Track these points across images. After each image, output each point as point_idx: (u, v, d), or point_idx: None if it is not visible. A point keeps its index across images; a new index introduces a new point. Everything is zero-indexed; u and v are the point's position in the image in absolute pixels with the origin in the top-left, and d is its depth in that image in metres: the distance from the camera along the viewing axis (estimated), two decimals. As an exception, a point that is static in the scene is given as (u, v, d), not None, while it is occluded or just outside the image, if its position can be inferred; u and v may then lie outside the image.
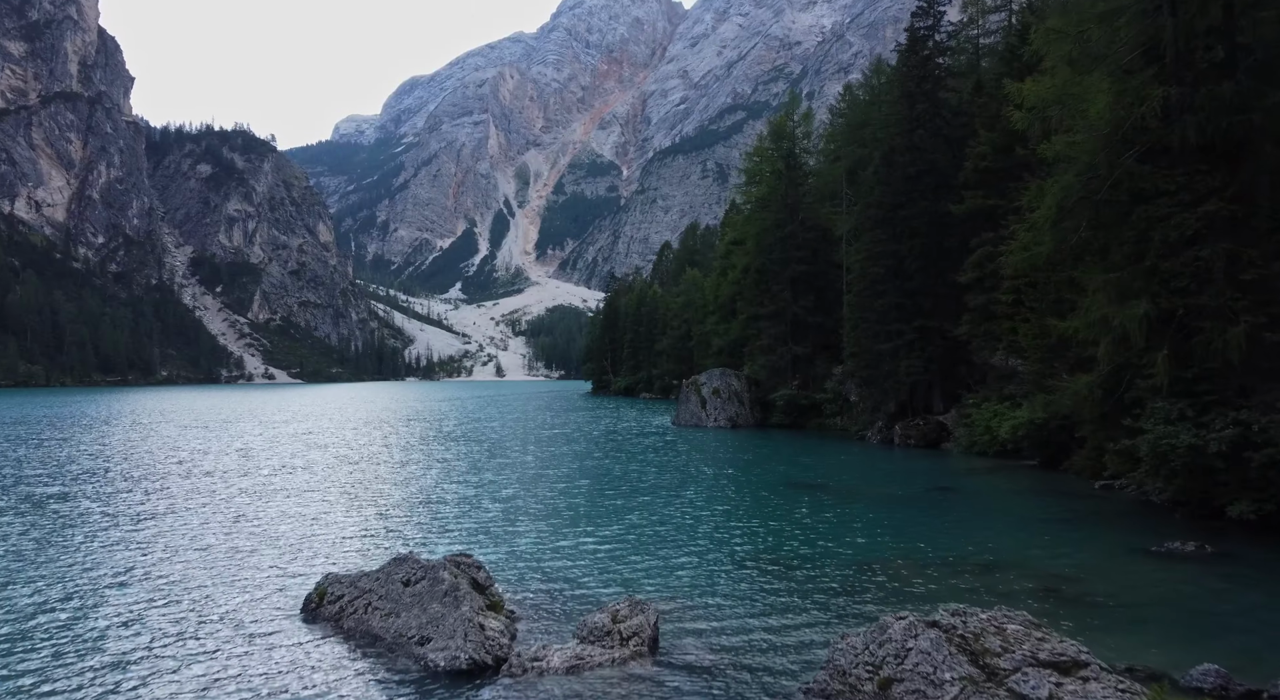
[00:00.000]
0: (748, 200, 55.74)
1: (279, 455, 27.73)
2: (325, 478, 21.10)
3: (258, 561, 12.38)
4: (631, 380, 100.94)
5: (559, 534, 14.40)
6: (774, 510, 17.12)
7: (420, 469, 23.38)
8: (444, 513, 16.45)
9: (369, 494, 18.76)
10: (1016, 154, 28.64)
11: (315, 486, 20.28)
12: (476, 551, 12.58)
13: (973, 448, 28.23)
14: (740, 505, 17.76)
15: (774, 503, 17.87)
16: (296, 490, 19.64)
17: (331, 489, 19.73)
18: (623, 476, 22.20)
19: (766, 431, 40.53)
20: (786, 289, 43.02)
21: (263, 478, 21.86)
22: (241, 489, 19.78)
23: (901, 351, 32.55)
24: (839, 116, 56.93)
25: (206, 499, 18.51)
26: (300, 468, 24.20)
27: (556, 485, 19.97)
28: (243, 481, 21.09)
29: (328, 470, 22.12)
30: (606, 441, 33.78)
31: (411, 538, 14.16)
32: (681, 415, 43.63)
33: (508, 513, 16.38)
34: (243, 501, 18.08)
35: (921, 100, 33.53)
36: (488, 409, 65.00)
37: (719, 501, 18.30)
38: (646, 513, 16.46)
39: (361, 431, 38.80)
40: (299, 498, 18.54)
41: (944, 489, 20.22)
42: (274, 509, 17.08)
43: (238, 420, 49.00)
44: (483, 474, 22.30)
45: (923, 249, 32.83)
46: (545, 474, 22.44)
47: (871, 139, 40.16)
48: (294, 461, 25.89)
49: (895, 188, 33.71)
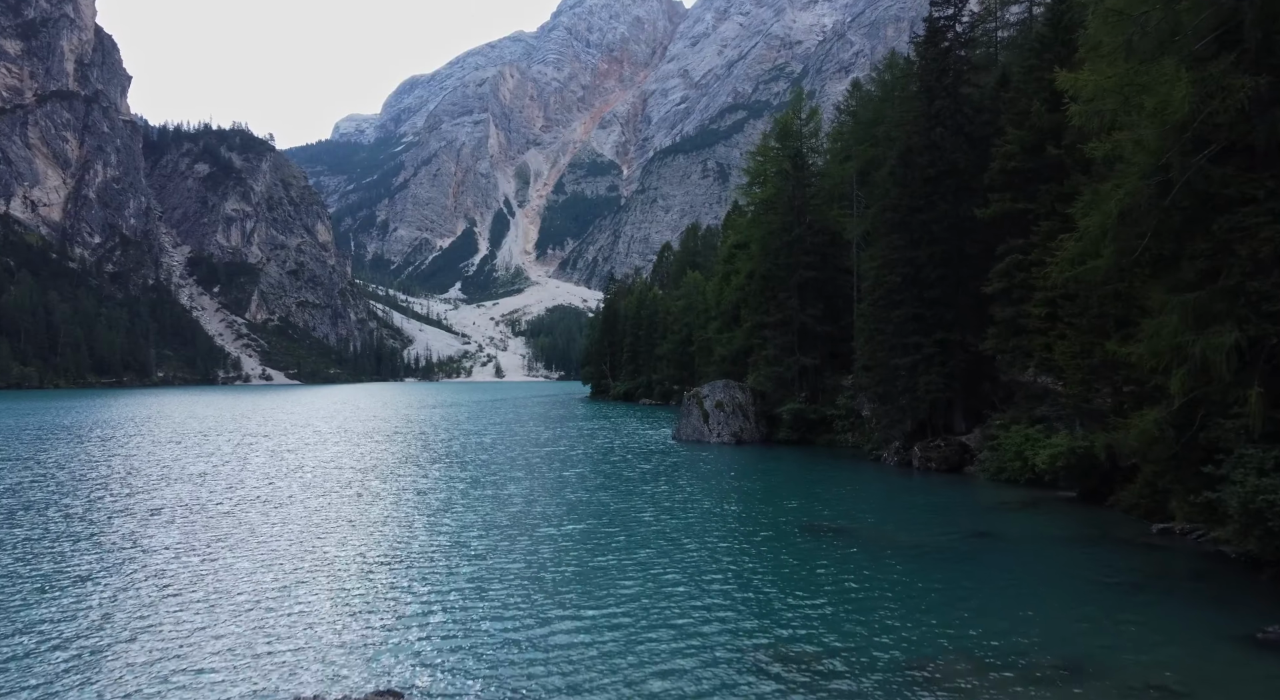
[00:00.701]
0: (751, 202, 53.33)
1: (230, 493, 25.33)
2: (261, 546, 18.56)
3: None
4: (631, 385, 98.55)
5: (534, 619, 11.93)
6: (792, 573, 14.68)
7: (384, 514, 20.91)
8: (389, 606, 13.01)
9: (307, 570, 16.07)
10: (1048, 154, 26.25)
11: (238, 559, 17.87)
12: (419, 673, 9.75)
13: (1001, 475, 25.80)
14: (752, 565, 15.32)
15: (791, 563, 15.41)
16: (212, 571, 17.21)
17: (258, 573, 17.25)
18: (617, 518, 19.77)
19: (773, 448, 38.11)
20: (793, 296, 40.58)
21: (190, 537, 19.43)
22: (152, 568, 17.35)
23: (920, 366, 30.11)
24: (846, 114, 54.54)
25: (103, 578, 16.13)
26: (240, 522, 21.80)
27: (540, 537, 17.52)
28: (167, 537, 18.68)
29: (271, 529, 19.58)
30: (602, 464, 31.36)
31: (334, 657, 10.36)
32: (683, 429, 41.22)
33: (474, 590, 13.88)
34: (139, 592, 15.65)
35: (941, 95, 31.09)
36: (480, 419, 62.60)
37: (726, 557, 15.88)
38: (641, 579, 14.04)
39: (337, 452, 36.36)
40: (208, 584, 16.11)
41: (982, 535, 17.79)
42: (164, 613, 14.66)
43: (216, 433, 46.58)
44: (458, 518, 19.85)
45: (943, 256, 30.39)
46: (529, 518, 20.00)
47: (885, 137, 37.74)
48: (240, 506, 23.50)
49: (913, 190, 31.26)
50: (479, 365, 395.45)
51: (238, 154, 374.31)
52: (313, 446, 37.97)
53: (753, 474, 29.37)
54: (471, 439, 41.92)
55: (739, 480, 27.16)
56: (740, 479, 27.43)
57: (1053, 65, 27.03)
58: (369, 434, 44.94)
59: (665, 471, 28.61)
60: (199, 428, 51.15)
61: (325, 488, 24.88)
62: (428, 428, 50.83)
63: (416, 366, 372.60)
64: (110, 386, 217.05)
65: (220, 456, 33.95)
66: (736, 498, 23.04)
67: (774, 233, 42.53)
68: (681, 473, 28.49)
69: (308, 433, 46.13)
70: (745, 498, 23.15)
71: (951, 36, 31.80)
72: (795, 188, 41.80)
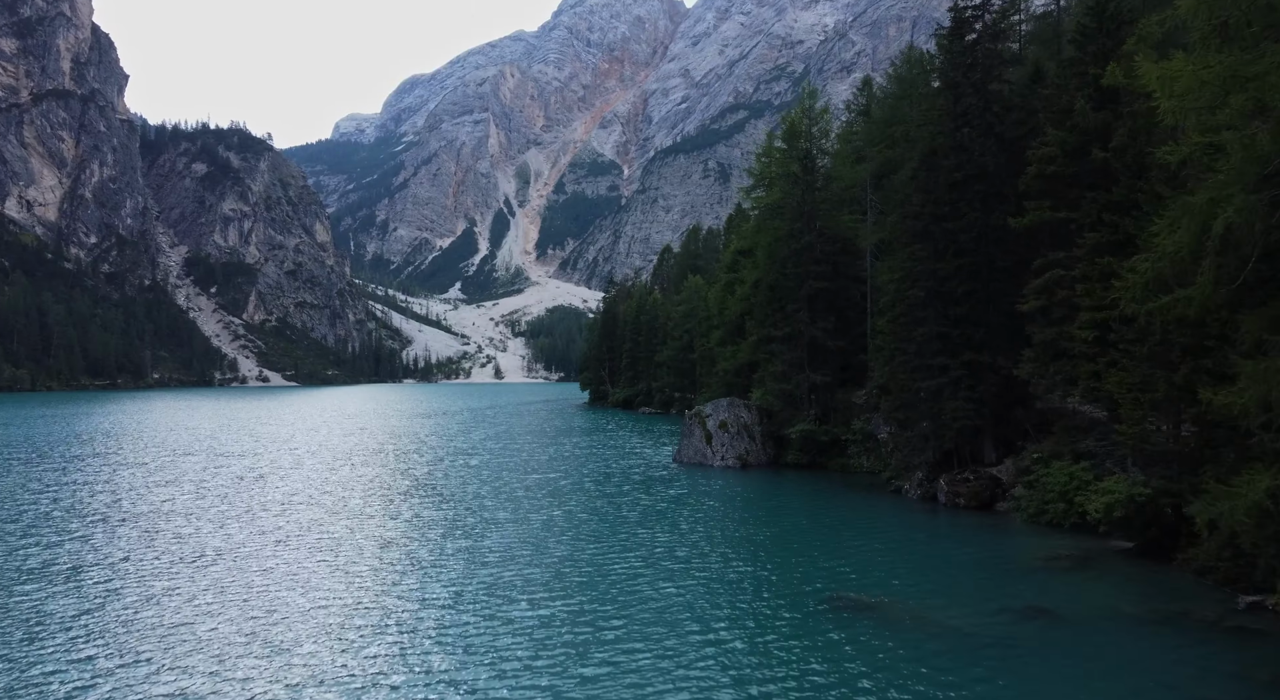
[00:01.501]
0: (755, 206, 50.48)
1: (173, 546, 22.56)
2: (202, 607, 15.85)
3: None
4: (630, 392, 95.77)
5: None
6: (813, 675, 11.88)
7: (335, 583, 18.12)
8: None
9: (258, 646, 13.39)
10: (1093, 157, 23.43)
11: (173, 628, 15.09)
12: None
13: (1041, 517, 22.96)
14: (763, 660, 12.51)
15: (810, 660, 12.60)
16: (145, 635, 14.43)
17: (190, 645, 14.45)
18: (609, 590, 16.95)
19: (781, 474, 35.29)
20: (803, 308, 37.74)
21: (101, 612, 16.66)
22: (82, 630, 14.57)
23: (946, 391, 27.28)
24: (856, 113, 51.72)
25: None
26: (180, 575, 19.03)
27: (514, 624, 14.68)
28: (73, 606, 15.90)
29: (195, 601, 16.83)
30: (596, 498, 28.54)
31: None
32: (684, 451, 38.39)
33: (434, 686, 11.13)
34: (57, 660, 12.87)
35: (969, 93, 28.26)
36: (471, 433, 59.78)
37: (737, 642, 13.10)
38: (629, 688, 11.24)
39: (307, 481, 33.58)
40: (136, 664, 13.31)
41: (1038, 613, 14.95)
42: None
43: (186, 453, 43.78)
44: (418, 590, 17.02)
45: (971, 269, 27.56)
46: (503, 586, 17.17)
47: (904, 138, 34.90)
48: (190, 554, 20.73)
49: (937, 195, 28.43)
50: (478, 366, 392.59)
51: (235, 153, 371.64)
52: (283, 473, 35.16)
53: (762, 513, 26.56)
54: (457, 462, 39.09)
55: (748, 524, 24.31)
56: (749, 523, 24.58)
57: (1098, 59, 24.30)
58: (348, 455, 42.12)
59: (666, 512, 25.77)
60: (171, 445, 48.37)
61: (281, 534, 22.08)
62: (413, 446, 48.01)
63: (415, 367, 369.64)
64: (104, 389, 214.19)
65: (178, 487, 31.17)
66: (747, 551, 20.19)
67: (781, 240, 39.69)
68: (683, 513, 25.64)
69: (283, 453, 43.31)
70: (756, 552, 20.30)
71: (980, 28, 28.95)
72: (804, 192, 38.95)
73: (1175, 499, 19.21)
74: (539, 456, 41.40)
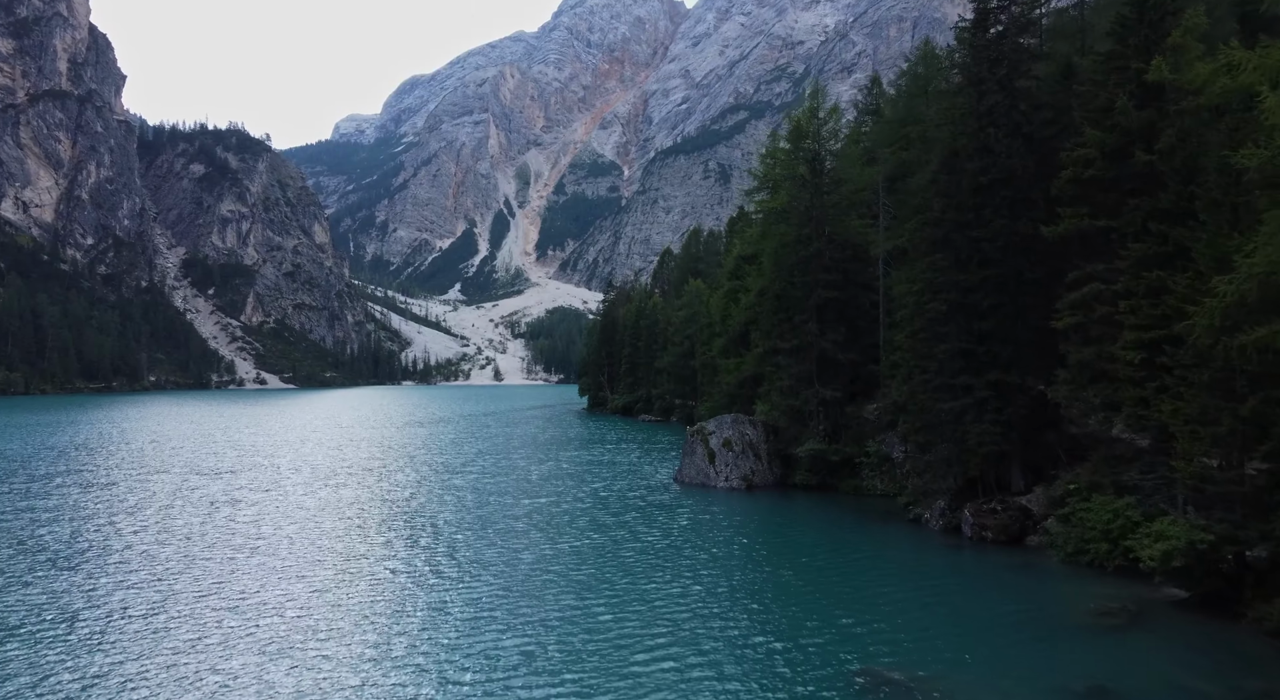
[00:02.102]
0: (758, 209, 48.26)
1: (112, 596, 20.45)
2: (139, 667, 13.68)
3: None
4: (630, 399, 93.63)
5: None
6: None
7: (284, 647, 15.98)
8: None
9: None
10: (1136, 160, 21.29)
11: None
12: None
13: (1080, 556, 20.79)
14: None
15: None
16: None
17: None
18: (594, 648, 14.81)
19: (790, 497, 33.12)
20: (812, 319, 35.58)
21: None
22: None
23: (970, 413, 25.12)
24: (865, 113, 49.62)
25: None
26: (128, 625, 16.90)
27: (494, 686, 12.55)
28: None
29: (138, 653, 14.70)
30: (590, 532, 26.38)
31: None
32: (686, 470, 36.22)
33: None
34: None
35: (994, 90, 26.10)
36: (465, 445, 57.66)
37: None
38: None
39: (281, 508, 31.51)
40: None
41: (1100, 693, 12.80)
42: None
43: (160, 471, 41.63)
44: (372, 668, 14.88)
45: (998, 281, 25.41)
46: (484, 642, 15.03)
47: (920, 139, 32.77)
48: (126, 612, 18.63)
49: (959, 201, 26.30)
50: (478, 368, 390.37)
51: (234, 154, 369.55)
52: (258, 498, 33.00)
53: (773, 551, 24.38)
54: (445, 483, 36.92)
55: (758, 566, 22.12)
56: (760, 564, 22.39)
57: (1140, 52, 22.17)
58: (332, 474, 39.95)
59: (665, 552, 23.58)
60: (147, 461, 46.24)
61: (235, 590, 19.93)
62: (401, 462, 45.85)
63: (414, 369, 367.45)
64: (99, 392, 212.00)
65: (141, 516, 29.04)
66: (759, 606, 17.99)
67: (788, 246, 37.54)
68: (684, 552, 23.45)
69: (263, 471, 41.14)
70: (770, 607, 18.10)
71: (1006, 19, 26.79)
72: (812, 196, 36.79)
73: (1239, 546, 17.10)
74: (532, 475, 39.22)
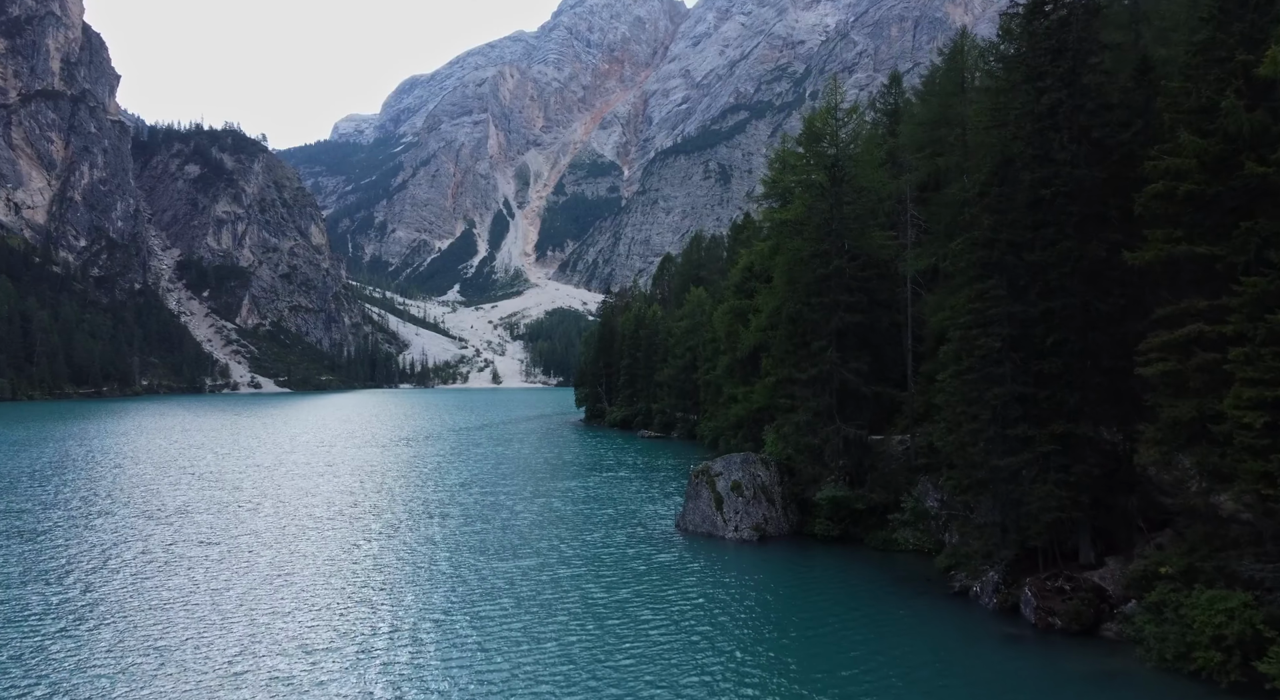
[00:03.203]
0: (765, 219, 44.19)
1: (27, 665, 16.45)
2: None
3: None
4: (629, 412, 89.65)
5: None
6: None
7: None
8: None
9: None
10: (1247, 172, 17.34)
11: None
12: None
13: (1181, 663, 16.78)
14: None
15: None
16: None
17: None
18: None
19: (808, 551, 29.12)
20: (831, 345, 31.55)
21: None
22: None
23: (1030, 471, 21.14)
24: (883, 114, 45.62)
25: None
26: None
27: None
28: None
29: None
30: (578, 610, 22.41)
31: None
32: (690, 516, 32.17)
33: None
34: None
35: (1056, 87, 22.09)
36: (453, 469, 53.69)
37: None
38: None
39: (236, 556, 27.67)
40: None
41: None
42: None
43: (114, 506, 37.62)
44: None
45: (1063, 314, 21.40)
46: None
47: (958, 143, 28.78)
48: None
49: (1014, 218, 22.31)
50: (476, 370, 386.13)
51: (229, 154, 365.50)
52: (201, 551, 28.99)
53: (796, 633, 20.37)
54: (422, 534, 32.82)
55: (779, 655, 18.17)
56: (780, 651, 18.46)
57: (1247, 42, 18.22)
58: (293, 517, 35.82)
59: (668, 631, 19.59)
60: (105, 490, 42.30)
61: (149, 670, 15.95)
62: (378, 497, 41.80)
63: (412, 372, 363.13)
64: (88, 397, 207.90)
65: (71, 572, 25.07)
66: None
67: (803, 262, 33.50)
68: (695, 638, 19.46)
69: (220, 512, 37.06)
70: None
71: (1069, 2, 22.76)
72: (832, 206, 32.74)
73: None
74: (520, 519, 35.12)
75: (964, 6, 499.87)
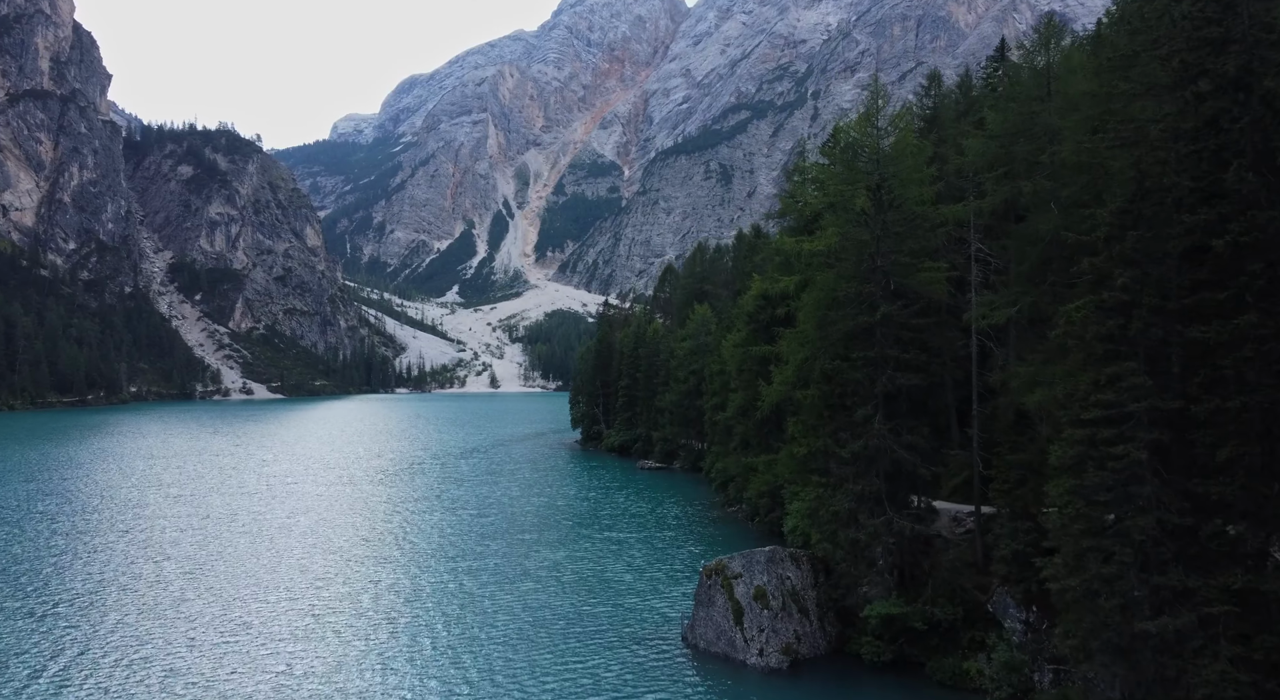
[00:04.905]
0: (786, 245, 37.43)
1: None
2: None
3: None
4: (627, 437, 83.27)
5: None
6: None
7: None
8: None
9: None
10: None
11: None
12: None
13: None
14: None
15: None
16: None
17: None
18: None
19: (857, 685, 22.75)
20: (878, 413, 25.16)
21: None
22: None
23: (1195, 637, 14.77)
24: (921, 120, 39.25)
25: None
26: None
27: None
28: None
29: None
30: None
31: None
32: (701, 627, 25.72)
33: None
34: None
35: (1226, 89, 15.70)
36: (428, 523, 47.40)
37: None
38: None
39: (153, 672, 21.26)
40: None
41: None
42: None
43: (22, 590, 31.26)
44: None
45: (1242, 413, 15.00)
46: None
47: (1049, 163, 22.35)
48: None
49: (1164, 274, 15.95)
50: (473, 374, 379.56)
51: (223, 155, 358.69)
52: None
53: None
54: (386, 590, 26.49)
55: None
56: None
57: None
58: (234, 593, 29.42)
59: None
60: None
61: None
62: (331, 563, 35.43)
63: (408, 376, 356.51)
64: (73, 406, 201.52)
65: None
66: None
67: (839, 305, 27.11)
68: None
69: (145, 592, 30.65)
70: None
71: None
72: (878, 238, 26.34)
73: None
74: (498, 622, 28.61)
75: (967, 5, 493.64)
